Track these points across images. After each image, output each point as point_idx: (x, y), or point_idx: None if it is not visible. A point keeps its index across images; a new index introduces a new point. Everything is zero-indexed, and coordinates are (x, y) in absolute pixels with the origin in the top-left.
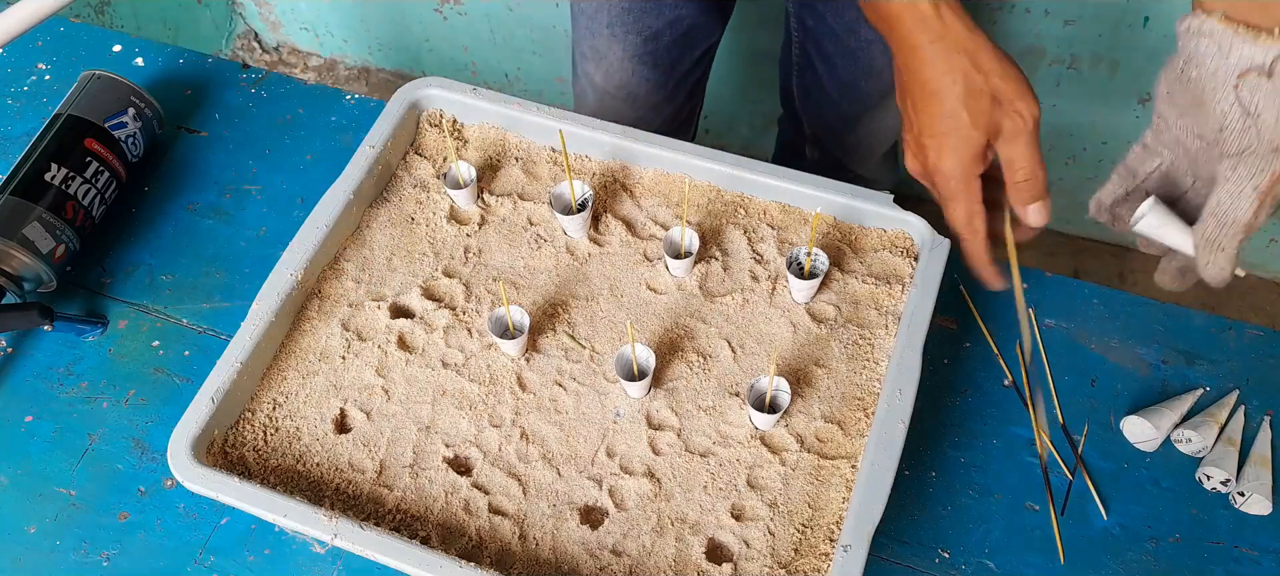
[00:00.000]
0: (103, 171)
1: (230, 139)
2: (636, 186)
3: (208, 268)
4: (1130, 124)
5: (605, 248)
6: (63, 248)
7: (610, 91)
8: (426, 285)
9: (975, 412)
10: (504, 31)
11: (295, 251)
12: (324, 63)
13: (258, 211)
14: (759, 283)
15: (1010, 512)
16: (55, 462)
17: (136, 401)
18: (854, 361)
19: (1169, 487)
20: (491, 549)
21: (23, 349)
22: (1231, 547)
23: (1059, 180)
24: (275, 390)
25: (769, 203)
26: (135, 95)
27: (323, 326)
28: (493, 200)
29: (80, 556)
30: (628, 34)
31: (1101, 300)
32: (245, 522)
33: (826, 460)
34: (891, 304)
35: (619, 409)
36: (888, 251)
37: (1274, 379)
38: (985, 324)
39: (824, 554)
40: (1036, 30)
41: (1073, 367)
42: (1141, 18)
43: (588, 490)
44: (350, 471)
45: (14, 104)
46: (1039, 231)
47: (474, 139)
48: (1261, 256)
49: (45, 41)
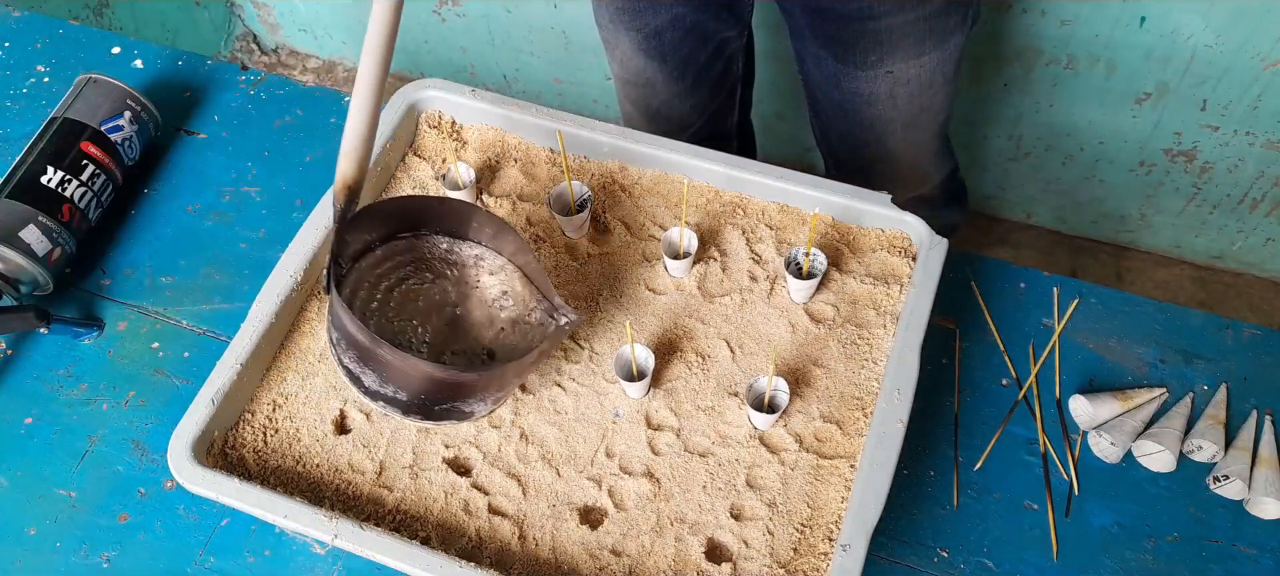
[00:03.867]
0: (99, 174)
1: (229, 141)
2: (635, 187)
3: (207, 269)
4: (1127, 124)
5: (604, 248)
6: (59, 250)
7: (628, 79)
8: None
9: (974, 412)
10: (502, 33)
11: (294, 253)
12: (322, 64)
13: (257, 213)
14: (758, 283)
15: (1009, 512)
16: (55, 464)
17: (136, 403)
18: (852, 361)
19: (1168, 487)
20: (491, 549)
21: (22, 351)
22: (1230, 547)
23: (1057, 180)
24: (275, 391)
25: (767, 203)
26: (131, 98)
27: (322, 327)
28: (492, 201)
29: (80, 558)
30: (629, 29)
31: (1100, 300)
32: (245, 523)
33: (825, 460)
34: (890, 304)
35: (618, 409)
36: (886, 252)
37: (1272, 378)
38: (993, 322)
39: (823, 553)
40: (1033, 30)
41: (1071, 367)
42: (1138, 18)
43: (587, 490)
44: (350, 472)
45: (13, 106)
46: None
47: (473, 140)
48: (1259, 256)
49: (44, 44)
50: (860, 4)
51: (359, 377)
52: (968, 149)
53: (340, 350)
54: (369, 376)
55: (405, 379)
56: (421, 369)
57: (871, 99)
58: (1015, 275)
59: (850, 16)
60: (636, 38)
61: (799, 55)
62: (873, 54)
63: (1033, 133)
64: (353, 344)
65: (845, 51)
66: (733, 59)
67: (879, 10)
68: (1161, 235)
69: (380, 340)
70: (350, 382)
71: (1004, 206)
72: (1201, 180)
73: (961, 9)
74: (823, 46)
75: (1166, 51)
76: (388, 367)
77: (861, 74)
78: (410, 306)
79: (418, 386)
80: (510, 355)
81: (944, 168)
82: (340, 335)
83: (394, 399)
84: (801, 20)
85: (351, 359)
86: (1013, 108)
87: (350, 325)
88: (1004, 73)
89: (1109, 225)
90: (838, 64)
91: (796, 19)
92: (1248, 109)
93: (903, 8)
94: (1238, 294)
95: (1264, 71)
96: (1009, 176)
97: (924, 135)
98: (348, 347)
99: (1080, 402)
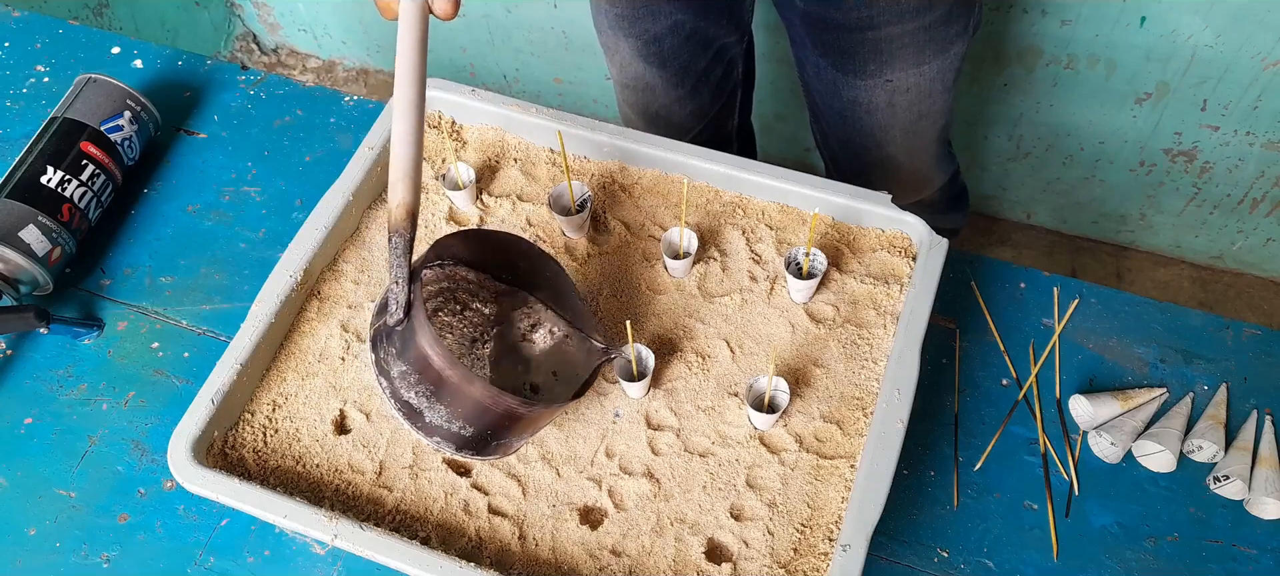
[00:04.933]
0: (99, 174)
1: (229, 140)
2: (635, 187)
3: (207, 269)
4: (1127, 123)
5: (604, 248)
6: (58, 250)
7: (628, 84)
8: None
9: (974, 412)
10: (502, 33)
11: (294, 253)
12: (322, 64)
13: (257, 213)
14: (757, 283)
15: (1009, 512)
16: (55, 464)
17: (136, 403)
18: (852, 361)
19: (1168, 487)
20: (491, 549)
21: (22, 351)
22: (1230, 546)
23: (1057, 180)
24: (275, 391)
25: (767, 203)
26: (131, 98)
27: (322, 327)
28: (491, 201)
29: (80, 558)
30: (629, 35)
31: (1099, 299)
32: (245, 524)
33: (825, 460)
34: (890, 304)
35: (618, 409)
36: (886, 251)
37: (1272, 378)
38: (993, 321)
39: (823, 553)
40: (1033, 30)
41: (1071, 367)
42: (1139, 17)
43: (587, 490)
44: (350, 472)
45: (13, 106)
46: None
47: (473, 140)
48: (1258, 256)
49: (44, 44)
50: (860, 14)
51: (419, 413)
52: (968, 149)
53: (404, 384)
54: (436, 412)
55: (480, 415)
56: (506, 403)
57: (871, 108)
58: (1015, 275)
59: (850, 27)
60: (636, 44)
61: (799, 62)
62: (872, 63)
63: (1033, 133)
64: (429, 378)
65: (845, 60)
66: (733, 63)
67: (879, 21)
68: (1161, 235)
69: (473, 376)
70: (404, 418)
71: (1004, 206)
72: (1201, 180)
73: (963, 18)
74: (822, 55)
75: (1166, 51)
76: (464, 403)
77: (861, 83)
78: (447, 339)
79: (490, 422)
80: (551, 388)
81: (945, 172)
82: (411, 369)
83: (456, 435)
84: (801, 29)
85: (420, 393)
86: (1013, 108)
87: (438, 359)
88: (1004, 73)
89: (1109, 225)
90: (837, 72)
91: (796, 28)
92: (1248, 109)
93: (902, 18)
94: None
95: (1264, 71)
96: (1009, 176)
97: (924, 141)
98: (418, 381)
99: (1080, 402)
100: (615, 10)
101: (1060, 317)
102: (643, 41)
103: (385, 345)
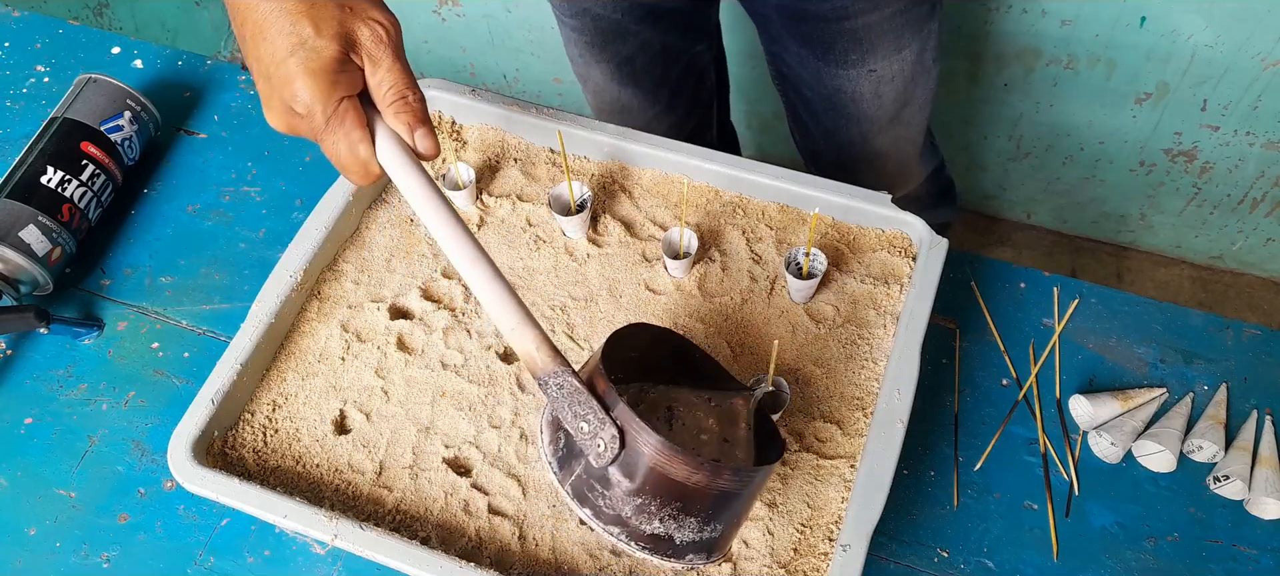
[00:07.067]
0: (99, 174)
1: (229, 141)
2: (635, 187)
3: (207, 269)
4: (1127, 123)
5: (604, 248)
6: (58, 250)
7: (603, 108)
8: (425, 286)
9: (974, 412)
10: (502, 33)
11: (294, 253)
12: None
13: (257, 213)
14: (757, 283)
15: (1009, 512)
16: (55, 464)
17: (136, 403)
18: (852, 361)
19: (1168, 487)
20: (491, 549)
21: (22, 351)
22: (1230, 546)
23: (1057, 180)
24: (275, 391)
25: (767, 203)
26: (131, 98)
27: (322, 327)
28: (492, 201)
29: (80, 558)
30: (600, 61)
31: (1099, 299)
32: (245, 524)
33: (825, 460)
34: (890, 304)
35: None
36: (886, 251)
37: (1272, 378)
38: (993, 321)
39: (823, 553)
40: (1033, 30)
41: (1071, 367)
42: (1139, 18)
43: None
44: (350, 472)
45: (13, 106)
46: (433, 157)
47: (473, 140)
48: (1258, 256)
49: (44, 44)
50: (835, 4)
51: (669, 539)
52: (968, 149)
53: (643, 518)
54: (685, 527)
55: (724, 507)
56: (758, 479)
57: (856, 97)
58: (1015, 275)
59: (826, 17)
60: (609, 68)
61: (776, 57)
62: (853, 53)
63: (1033, 133)
64: (675, 494)
65: (826, 51)
66: (704, 73)
67: (854, 9)
68: (1161, 235)
69: (719, 464)
70: (651, 553)
71: (1004, 206)
72: (1201, 180)
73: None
74: (804, 45)
75: (1166, 51)
76: (708, 501)
77: (844, 72)
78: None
79: (737, 511)
80: (731, 454)
81: (929, 164)
82: (649, 497)
83: (708, 541)
84: (779, 25)
85: (666, 515)
86: (1013, 108)
87: (685, 463)
88: (1004, 73)
89: (1109, 225)
90: (820, 62)
91: (772, 23)
92: (1248, 109)
93: (877, 5)
94: (1238, 294)
95: (1264, 71)
96: (1009, 176)
97: (910, 130)
98: (662, 504)
99: (1080, 402)
100: (584, 38)
101: (1060, 317)
102: (614, 65)
103: (599, 492)
